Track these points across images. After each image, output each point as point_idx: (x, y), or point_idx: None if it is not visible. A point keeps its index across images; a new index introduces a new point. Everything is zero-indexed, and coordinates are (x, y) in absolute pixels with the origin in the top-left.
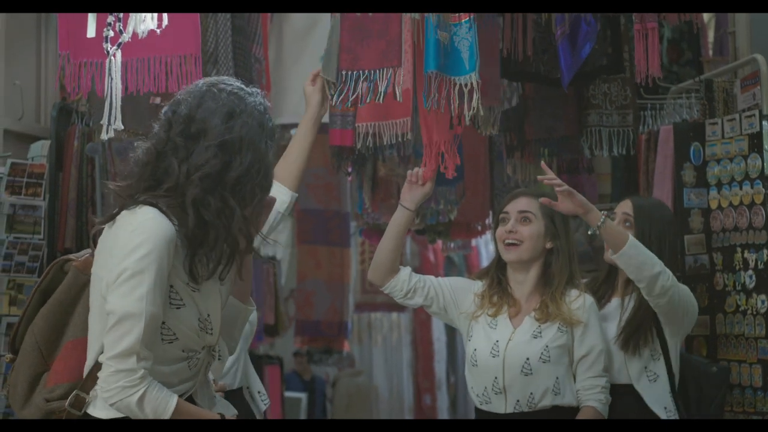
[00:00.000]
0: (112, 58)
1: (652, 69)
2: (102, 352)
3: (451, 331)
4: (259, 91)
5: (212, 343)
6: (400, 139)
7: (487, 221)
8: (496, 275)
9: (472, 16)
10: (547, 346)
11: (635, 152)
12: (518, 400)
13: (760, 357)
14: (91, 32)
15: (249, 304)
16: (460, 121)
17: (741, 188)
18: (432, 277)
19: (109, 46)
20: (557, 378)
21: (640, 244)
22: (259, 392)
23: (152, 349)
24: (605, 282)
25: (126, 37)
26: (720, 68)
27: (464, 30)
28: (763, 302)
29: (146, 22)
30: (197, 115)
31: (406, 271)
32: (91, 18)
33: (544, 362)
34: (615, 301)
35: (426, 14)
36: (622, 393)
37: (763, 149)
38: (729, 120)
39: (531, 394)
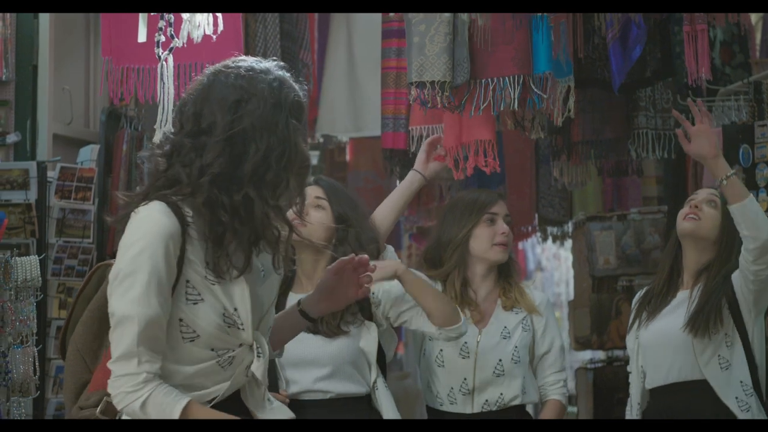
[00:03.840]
0: (164, 62)
1: (702, 71)
2: None
3: None
4: (276, 62)
5: (247, 339)
6: None
7: (533, 224)
8: (455, 281)
9: (564, 20)
10: (516, 347)
11: (676, 156)
12: (487, 400)
13: None
14: (142, 37)
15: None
16: (557, 121)
17: None
18: None
19: (161, 50)
20: (524, 377)
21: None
22: None
23: (175, 349)
24: (668, 281)
25: (179, 42)
26: None
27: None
28: None
29: (200, 27)
30: (205, 110)
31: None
32: (142, 22)
33: (515, 363)
34: (682, 294)
35: (534, 14)
36: (692, 390)
37: None
38: None
39: (501, 394)
